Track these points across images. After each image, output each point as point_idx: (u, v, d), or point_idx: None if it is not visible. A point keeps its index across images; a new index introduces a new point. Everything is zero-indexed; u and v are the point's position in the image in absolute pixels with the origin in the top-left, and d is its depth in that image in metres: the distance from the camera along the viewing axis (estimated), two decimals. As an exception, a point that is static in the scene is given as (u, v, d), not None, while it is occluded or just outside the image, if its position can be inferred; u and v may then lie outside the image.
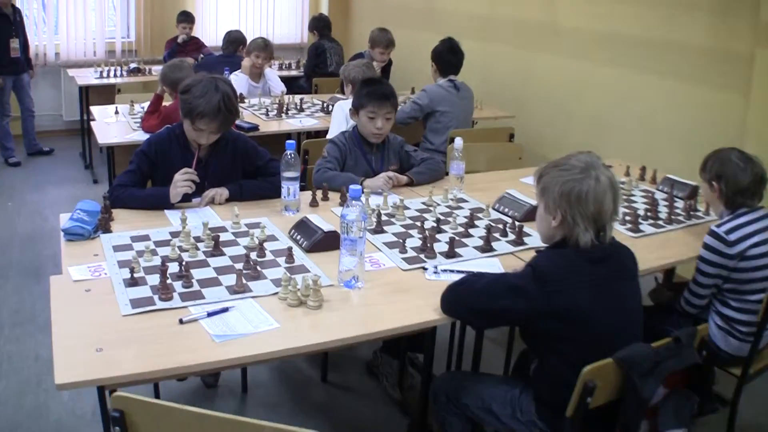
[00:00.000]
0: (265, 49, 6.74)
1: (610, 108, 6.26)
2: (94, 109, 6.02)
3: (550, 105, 6.89)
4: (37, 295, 5.00)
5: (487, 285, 2.56)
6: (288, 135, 5.90)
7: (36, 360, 4.25)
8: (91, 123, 5.61)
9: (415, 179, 4.08)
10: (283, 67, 9.08)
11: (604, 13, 6.21)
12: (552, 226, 2.55)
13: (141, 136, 5.06)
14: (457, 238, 3.26)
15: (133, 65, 8.15)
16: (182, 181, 3.42)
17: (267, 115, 6.03)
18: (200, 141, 3.55)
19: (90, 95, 7.71)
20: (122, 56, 9.52)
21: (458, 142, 3.98)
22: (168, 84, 5.24)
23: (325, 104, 6.41)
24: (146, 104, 5.85)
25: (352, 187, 2.64)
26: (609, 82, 6.24)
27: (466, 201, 3.89)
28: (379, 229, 3.32)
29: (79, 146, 8.55)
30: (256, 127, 5.52)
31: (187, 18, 8.83)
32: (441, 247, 3.16)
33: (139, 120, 5.48)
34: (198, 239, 3.05)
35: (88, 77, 7.93)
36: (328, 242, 3.04)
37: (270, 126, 5.79)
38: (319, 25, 8.55)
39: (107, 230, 3.13)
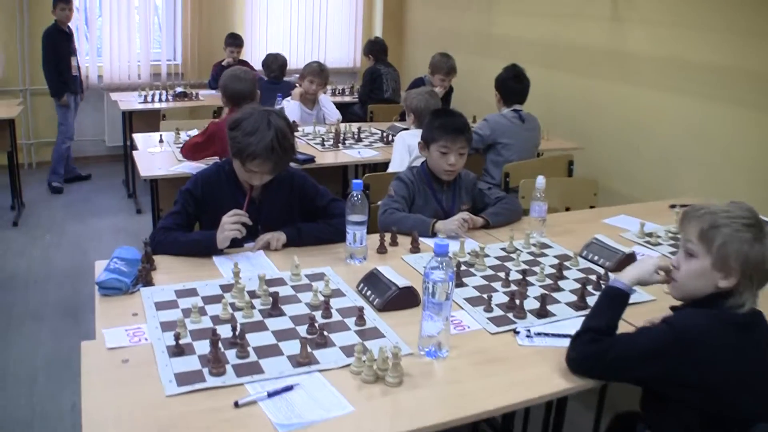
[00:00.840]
0: (321, 74, 6.39)
1: (683, 140, 5.83)
2: (137, 137, 5.70)
3: (617, 136, 6.46)
4: (74, 339, 4.63)
5: (618, 356, 2.19)
6: (344, 167, 5.55)
7: (72, 409, 3.91)
8: (134, 153, 5.26)
9: (492, 222, 3.68)
10: (336, 92, 8.74)
11: (677, 39, 5.81)
12: (717, 285, 2.18)
13: (187, 168, 4.72)
14: (546, 292, 2.85)
15: (179, 89, 7.83)
16: (230, 224, 3.04)
17: (322, 145, 5.65)
18: (252, 182, 3.19)
19: (133, 120, 7.39)
20: (167, 79, 9.21)
21: (540, 181, 3.57)
22: (227, 96, 4.88)
23: (384, 134, 6.03)
24: (192, 132, 5.53)
25: (437, 242, 2.23)
26: (682, 112, 5.82)
27: (550, 247, 3.47)
28: (458, 282, 2.90)
29: (122, 173, 8.24)
30: (312, 159, 5.14)
31: (235, 41, 8.53)
32: (529, 303, 2.76)
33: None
34: (253, 294, 2.67)
35: (131, 102, 7.59)
36: (403, 300, 2.65)
37: (326, 157, 5.38)
38: (375, 48, 8.16)
39: (148, 283, 2.75)
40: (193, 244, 3.11)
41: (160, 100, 7.61)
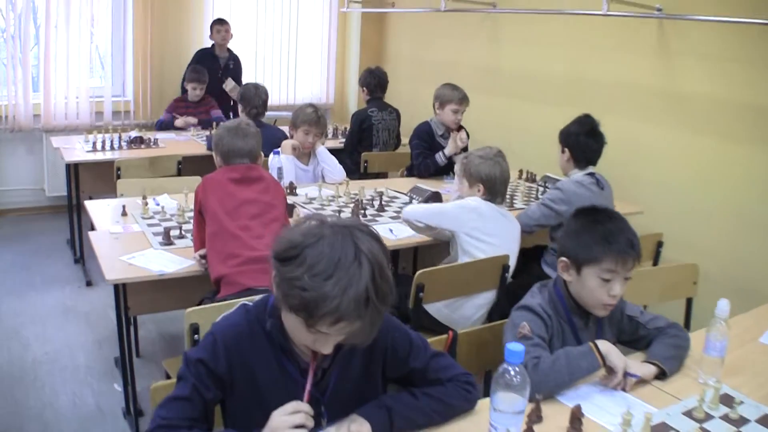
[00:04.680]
0: (318, 122, 5.01)
1: (755, 197, 4.71)
2: (92, 207, 4.21)
3: (676, 193, 5.20)
4: None
5: None
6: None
7: None
8: (91, 236, 3.75)
9: (669, 370, 2.43)
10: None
11: (742, 78, 4.72)
12: None
13: (170, 263, 3.36)
14: None
15: (133, 134, 6.31)
16: (290, 428, 1.75)
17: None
18: (322, 350, 1.84)
19: (80, 172, 5.87)
20: (112, 119, 7.62)
21: (723, 306, 2.36)
22: (222, 152, 3.57)
23: (413, 199, 4.68)
24: (163, 198, 4.21)
25: None
26: (756, 165, 4.70)
27: (740, 402, 2.26)
28: None
29: (67, 230, 6.53)
30: None
31: (198, 77, 7.10)
32: None
33: (160, 227, 3.79)
34: None
35: (76, 150, 6.00)
36: None
37: None
38: (372, 81, 6.57)
39: None
40: None
41: (112, 148, 6.07)
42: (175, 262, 3.39)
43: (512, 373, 1.81)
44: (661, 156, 5.30)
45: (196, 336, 2.74)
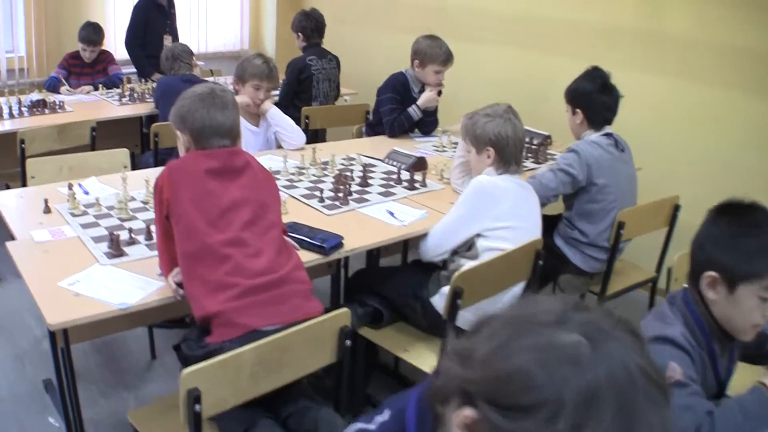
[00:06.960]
0: (271, 76, 4.10)
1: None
2: (4, 208, 3.16)
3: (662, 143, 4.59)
4: None
5: None
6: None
7: None
8: (11, 251, 2.67)
9: None
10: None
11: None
12: None
13: (132, 288, 2.43)
14: None
15: (35, 96, 5.19)
16: None
17: (321, 200, 3.33)
18: None
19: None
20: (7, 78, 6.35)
21: None
22: (194, 131, 2.48)
23: (398, 167, 3.77)
24: (90, 184, 3.33)
25: None
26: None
27: None
28: None
29: None
30: (339, 242, 2.83)
31: (88, 36, 5.88)
32: None
33: (99, 228, 2.87)
34: None
35: None
36: None
37: (350, 232, 2.96)
38: (307, 25, 5.52)
39: None
40: None
41: (11, 115, 4.87)
42: (137, 286, 2.43)
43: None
44: (643, 103, 4.60)
45: (197, 406, 1.89)
